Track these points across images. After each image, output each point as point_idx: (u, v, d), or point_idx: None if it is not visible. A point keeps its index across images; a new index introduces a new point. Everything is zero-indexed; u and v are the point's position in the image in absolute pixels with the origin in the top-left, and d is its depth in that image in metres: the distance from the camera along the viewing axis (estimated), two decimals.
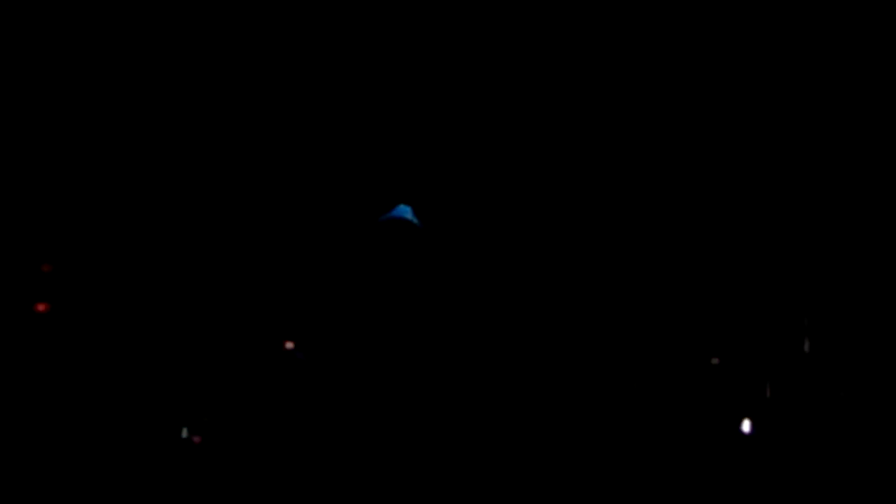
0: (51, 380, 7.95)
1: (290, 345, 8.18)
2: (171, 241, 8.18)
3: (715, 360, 8.69)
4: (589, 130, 8.73)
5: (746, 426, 8.52)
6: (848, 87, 8.48)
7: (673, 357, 8.71)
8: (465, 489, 7.79)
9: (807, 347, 8.55)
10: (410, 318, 7.78)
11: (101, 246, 8.10)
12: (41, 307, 7.89)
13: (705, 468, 8.29)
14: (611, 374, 8.63)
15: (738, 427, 8.51)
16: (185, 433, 7.92)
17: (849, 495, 8.02)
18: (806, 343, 8.55)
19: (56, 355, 7.97)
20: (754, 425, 8.47)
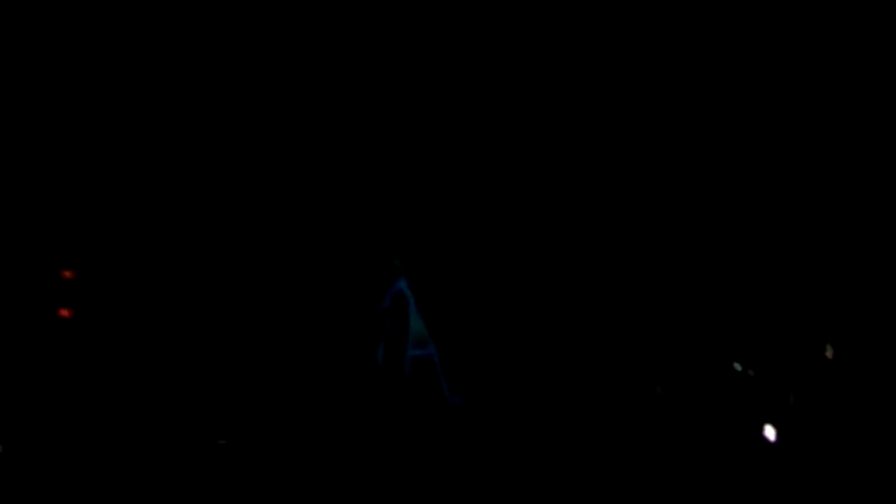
0: (75, 383, 8.19)
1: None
2: (184, 246, 8.38)
3: (737, 366, 8.58)
4: (595, 131, 8.69)
5: (770, 433, 8.39)
6: (848, 87, 8.29)
7: (694, 363, 8.62)
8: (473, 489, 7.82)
9: (829, 354, 8.38)
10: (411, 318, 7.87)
11: (117, 251, 8.33)
12: (64, 313, 8.16)
13: (725, 471, 8.20)
14: (630, 379, 8.58)
15: (760, 433, 8.39)
16: (212, 437, 8.09)
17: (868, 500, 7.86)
18: (828, 350, 8.39)
19: (81, 359, 8.22)
20: (777, 431, 8.34)
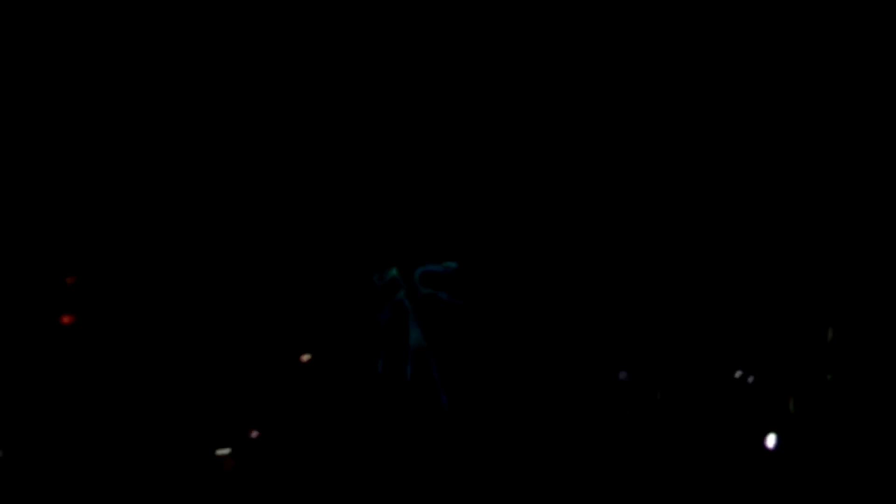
0: (87, 386, 8.12)
1: (306, 358, 8.28)
2: (187, 255, 8.32)
3: (738, 373, 8.61)
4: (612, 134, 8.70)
5: (771, 441, 8.42)
6: (848, 88, 8.35)
7: (695, 369, 8.65)
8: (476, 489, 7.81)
9: (830, 359, 8.43)
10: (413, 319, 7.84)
11: (120, 256, 8.26)
12: (66, 319, 8.08)
13: (724, 477, 8.22)
14: (630, 385, 8.59)
15: (761, 441, 8.42)
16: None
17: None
18: (829, 354, 8.44)
19: (84, 364, 8.15)
20: (778, 439, 8.38)
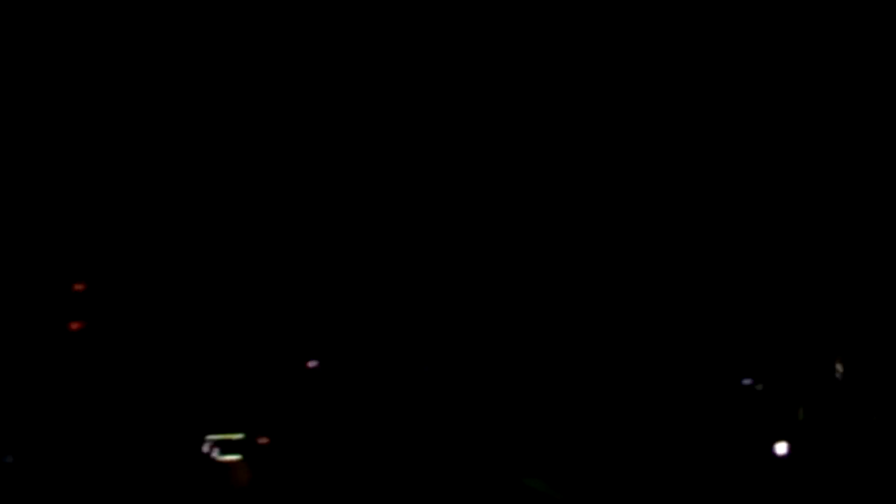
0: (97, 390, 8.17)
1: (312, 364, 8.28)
2: (191, 261, 8.36)
3: (747, 381, 8.60)
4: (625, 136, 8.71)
5: (782, 448, 8.39)
6: (849, 88, 8.33)
7: (703, 377, 8.63)
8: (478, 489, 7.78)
9: (839, 369, 8.40)
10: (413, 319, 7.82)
11: (126, 263, 8.31)
12: (75, 326, 8.13)
13: (731, 484, 8.19)
14: (635, 391, 8.58)
15: (771, 448, 8.39)
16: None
17: None
18: (839, 366, 8.41)
19: (92, 370, 8.20)
20: (789, 447, 8.35)
